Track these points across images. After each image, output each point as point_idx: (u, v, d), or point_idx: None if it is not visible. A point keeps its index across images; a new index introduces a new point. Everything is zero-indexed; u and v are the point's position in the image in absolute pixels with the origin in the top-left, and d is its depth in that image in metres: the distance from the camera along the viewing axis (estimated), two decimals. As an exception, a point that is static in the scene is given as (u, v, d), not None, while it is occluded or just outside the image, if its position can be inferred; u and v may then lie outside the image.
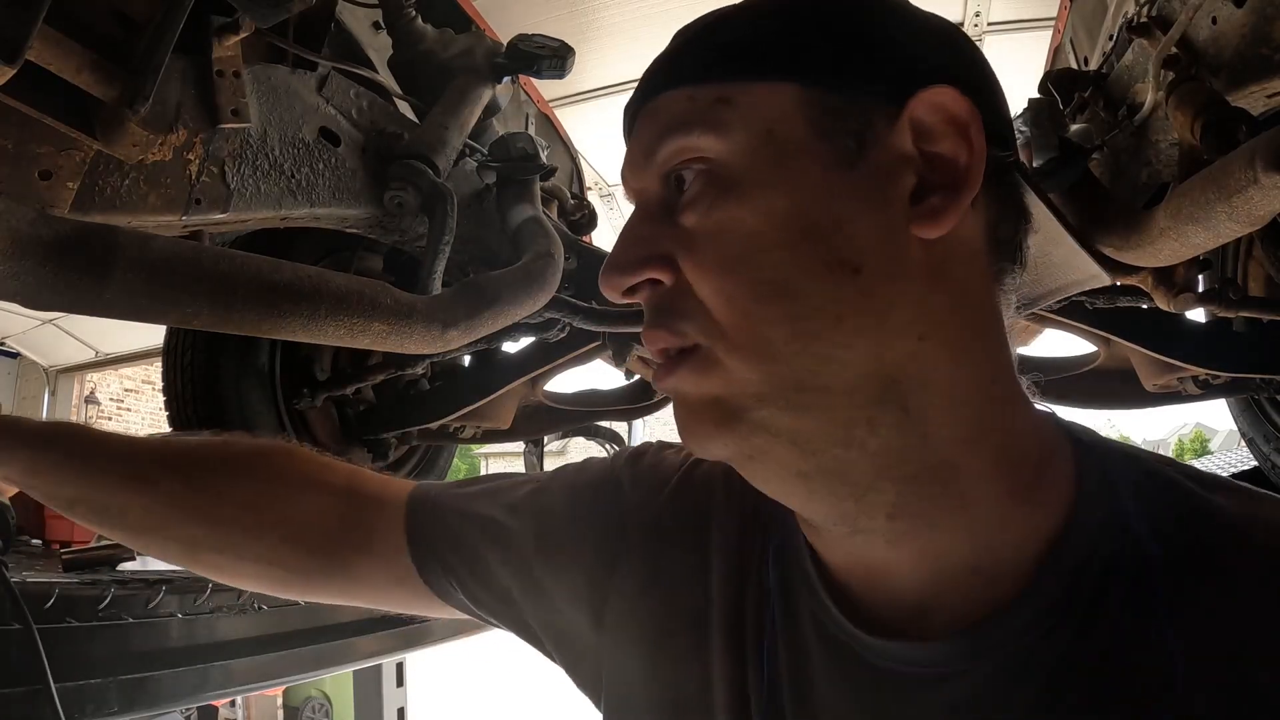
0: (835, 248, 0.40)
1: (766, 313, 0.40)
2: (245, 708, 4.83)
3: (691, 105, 0.43)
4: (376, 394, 2.08)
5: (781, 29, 0.43)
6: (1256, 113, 1.08)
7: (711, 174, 0.42)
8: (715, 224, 0.41)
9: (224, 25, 1.00)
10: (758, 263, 0.40)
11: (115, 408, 11.13)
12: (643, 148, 0.45)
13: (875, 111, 0.41)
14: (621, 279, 0.44)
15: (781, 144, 0.41)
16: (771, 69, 0.42)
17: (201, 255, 0.91)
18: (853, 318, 0.40)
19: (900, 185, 0.41)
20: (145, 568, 1.17)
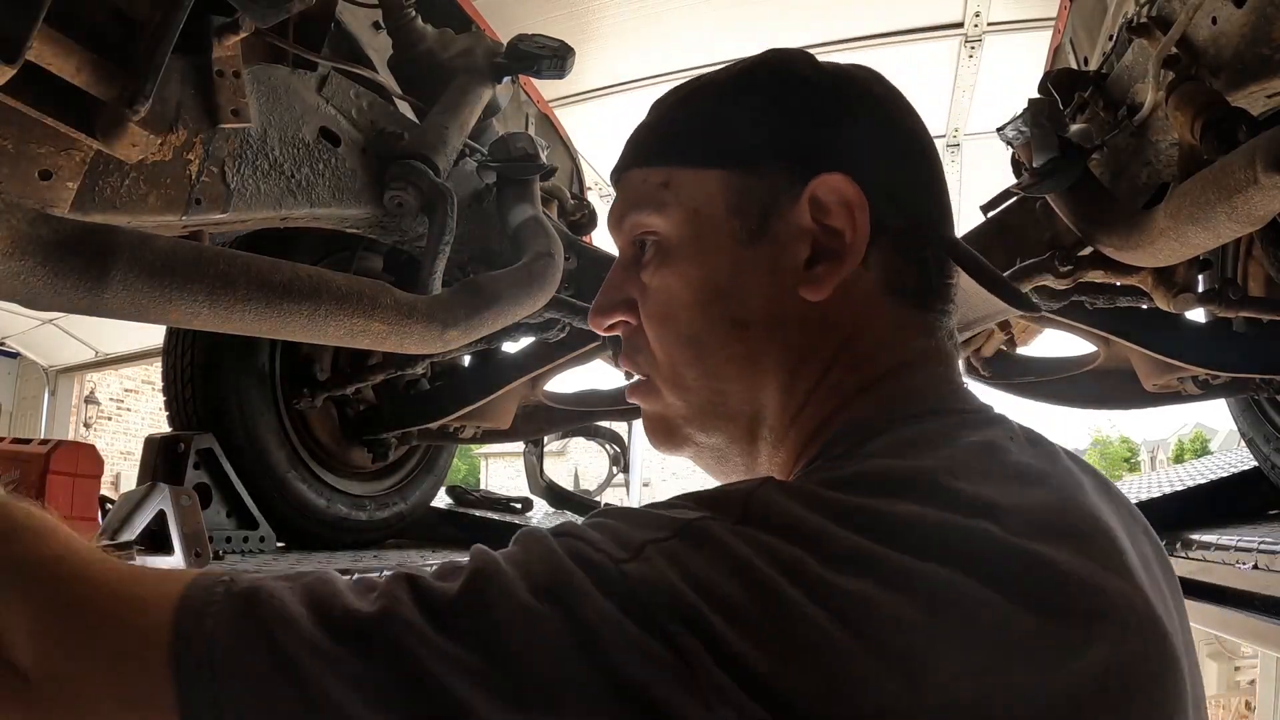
0: (732, 308, 0.52)
1: (683, 356, 0.53)
2: (245, 708, 4.83)
3: (644, 187, 0.55)
4: (376, 394, 2.08)
5: (708, 125, 0.54)
6: (1256, 113, 1.08)
7: (658, 244, 0.54)
8: (657, 284, 0.54)
9: (224, 25, 1.00)
10: (678, 318, 0.53)
11: (115, 408, 11.14)
12: (616, 216, 0.58)
13: (781, 191, 0.51)
14: (601, 319, 0.58)
15: (704, 221, 0.53)
16: (699, 159, 0.53)
17: (201, 255, 0.91)
18: (739, 361, 0.52)
19: (795, 254, 0.51)
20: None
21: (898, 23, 2.49)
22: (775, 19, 2.45)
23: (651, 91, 2.76)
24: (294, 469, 1.84)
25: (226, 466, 1.63)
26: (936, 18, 2.47)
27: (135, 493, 1.31)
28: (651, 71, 2.69)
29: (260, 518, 1.66)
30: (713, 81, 0.56)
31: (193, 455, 1.58)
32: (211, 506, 1.58)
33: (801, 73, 0.54)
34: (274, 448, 1.80)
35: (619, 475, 3.28)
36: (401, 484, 2.21)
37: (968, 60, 2.57)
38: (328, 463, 1.98)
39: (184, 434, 1.63)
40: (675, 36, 2.50)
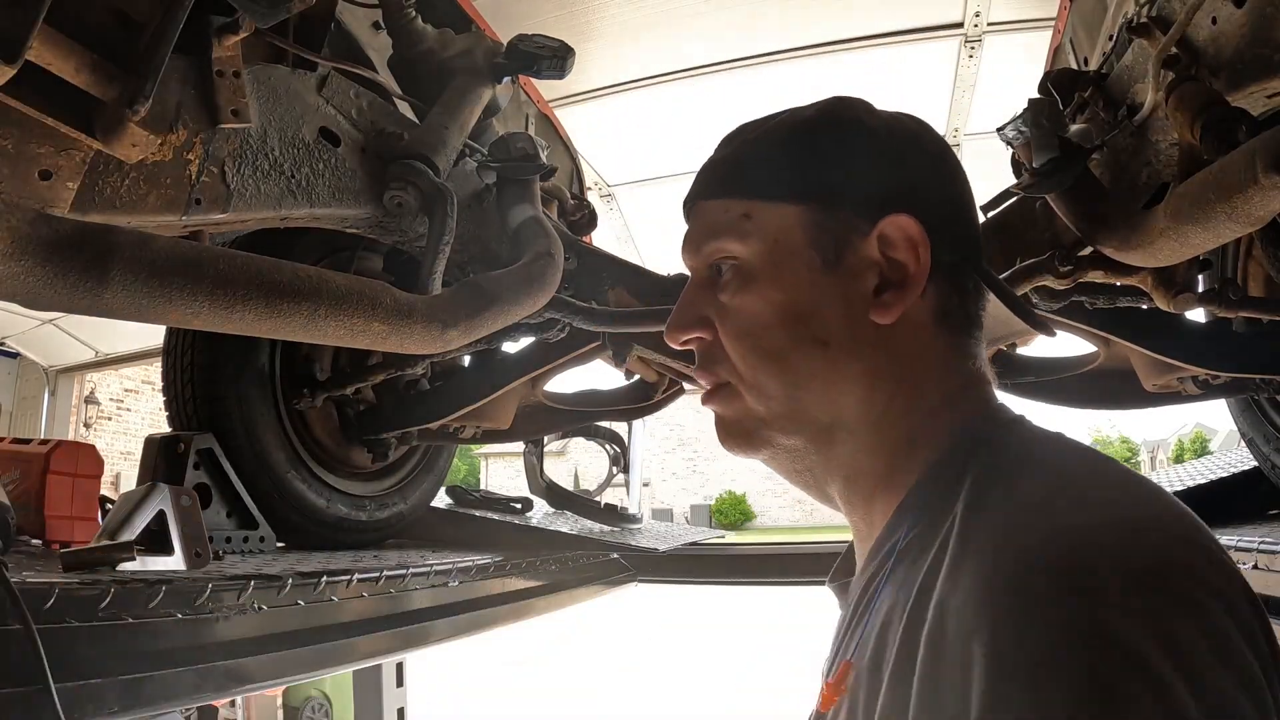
0: (812, 328, 0.58)
1: (766, 369, 0.59)
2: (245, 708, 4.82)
3: (725, 216, 0.61)
4: (376, 394, 2.08)
5: (787, 164, 0.60)
6: (1256, 113, 1.08)
7: (738, 268, 0.61)
8: (737, 304, 0.60)
9: (224, 25, 1.00)
10: (762, 336, 0.59)
11: (115, 408, 11.14)
12: (694, 241, 0.64)
13: (853, 227, 0.58)
14: (679, 334, 0.64)
15: (783, 251, 0.59)
16: (780, 194, 0.60)
17: (201, 255, 0.91)
18: (819, 376, 0.58)
19: (865, 283, 0.58)
20: (145, 568, 1.17)
21: (898, 23, 2.49)
22: (776, 19, 2.45)
23: (651, 92, 2.77)
24: (294, 469, 1.84)
25: (226, 466, 1.63)
26: (936, 18, 2.47)
27: (135, 493, 1.32)
28: (651, 71, 2.69)
29: (260, 518, 1.67)
30: (786, 123, 0.63)
31: (193, 455, 1.58)
32: (211, 506, 1.58)
33: (867, 121, 0.62)
34: (274, 448, 1.80)
35: (619, 475, 3.28)
36: (401, 484, 2.21)
37: (968, 60, 2.56)
38: (328, 463, 1.98)
39: (184, 434, 1.63)
40: (675, 37, 2.50)
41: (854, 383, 0.58)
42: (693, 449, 25.68)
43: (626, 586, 2.49)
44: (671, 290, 1.76)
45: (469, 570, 1.69)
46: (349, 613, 1.32)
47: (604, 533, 2.71)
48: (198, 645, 1.03)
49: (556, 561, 2.12)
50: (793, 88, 2.72)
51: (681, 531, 3.26)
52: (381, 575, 1.38)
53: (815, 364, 0.58)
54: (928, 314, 0.59)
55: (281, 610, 1.16)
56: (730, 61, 2.64)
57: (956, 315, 0.60)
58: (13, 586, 0.82)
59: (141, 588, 0.97)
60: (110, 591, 0.93)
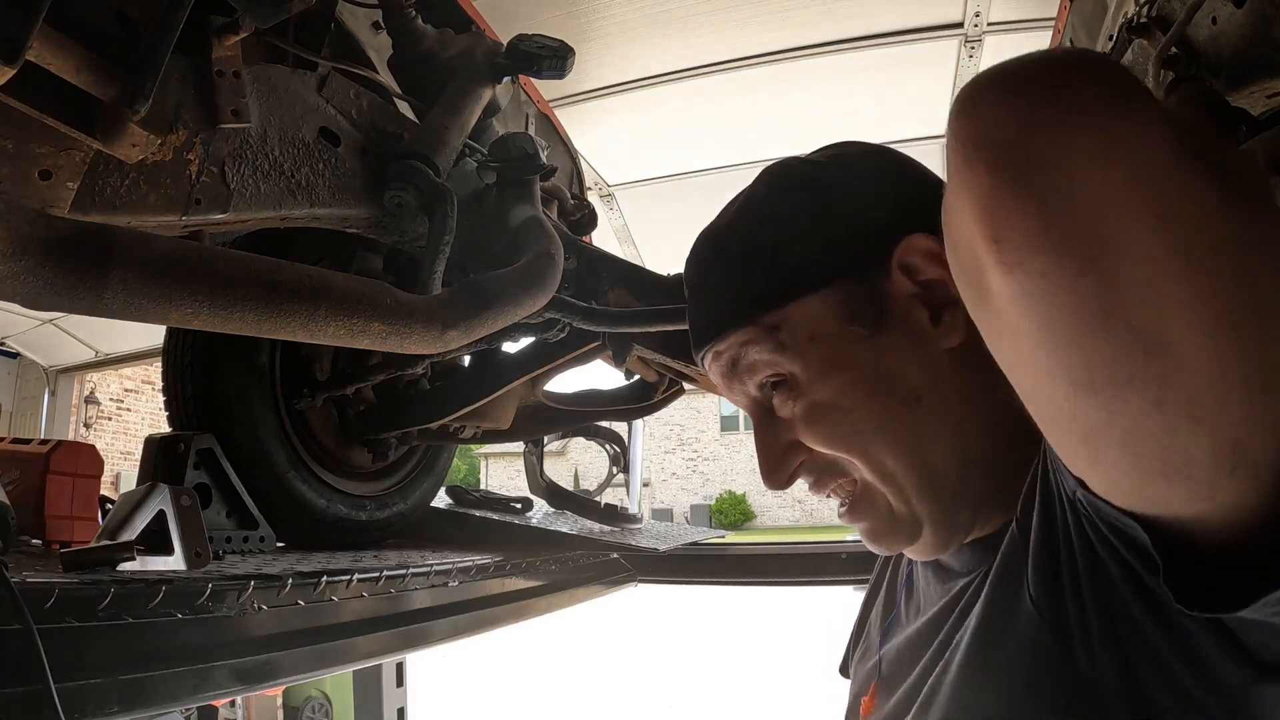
0: (897, 393, 0.56)
1: (876, 444, 0.56)
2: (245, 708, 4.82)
3: (754, 339, 0.59)
4: (376, 394, 2.08)
5: (785, 262, 0.58)
6: (1256, 113, 1.08)
7: (789, 380, 0.59)
8: (811, 406, 0.57)
9: (224, 25, 1.00)
10: (850, 421, 0.56)
11: (115, 408, 11.14)
12: (733, 379, 0.61)
13: (875, 276, 0.56)
14: (780, 474, 0.61)
15: (825, 340, 0.57)
16: (795, 293, 0.58)
17: (201, 255, 0.91)
18: (930, 428, 0.56)
19: (919, 318, 0.56)
20: (145, 568, 1.17)
21: (898, 23, 2.49)
22: (776, 19, 2.45)
23: (651, 92, 2.77)
24: (294, 469, 1.84)
25: (226, 466, 1.63)
26: (936, 18, 2.47)
27: (135, 493, 1.31)
28: (651, 71, 2.69)
29: (260, 518, 1.66)
30: (752, 222, 0.61)
31: (193, 455, 1.58)
32: (211, 506, 1.58)
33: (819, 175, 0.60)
34: (274, 448, 1.80)
35: (619, 475, 3.28)
36: (401, 484, 2.21)
37: (968, 60, 2.56)
38: (328, 463, 1.98)
39: (184, 434, 1.63)
40: (675, 37, 2.50)
41: (958, 419, 0.56)
42: (693, 449, 25.68)
43: (626, 586, 2.49)
44: (671, 290, 1.76)
45: (469, 570, 1.69)
46: (349, 613, 1.32)
47: (604, 533, 2.71)
48: (198, 645, 1.03)
49: (556, 561, 2.12)
50: (793, 88, 2.72)
51: (681, 531, 3.26)
52: (381, 575, 1.38)
53: (920, 419, 0.56)
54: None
55: (281, 610, 1.16)
56: (730, 61, 2.64)
57: None
58: (13, 586, 0.82)
59: (141, 588, 0.97)
60: (110, 591, 0.92)
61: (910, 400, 0.56)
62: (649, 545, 2.55)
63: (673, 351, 1.87)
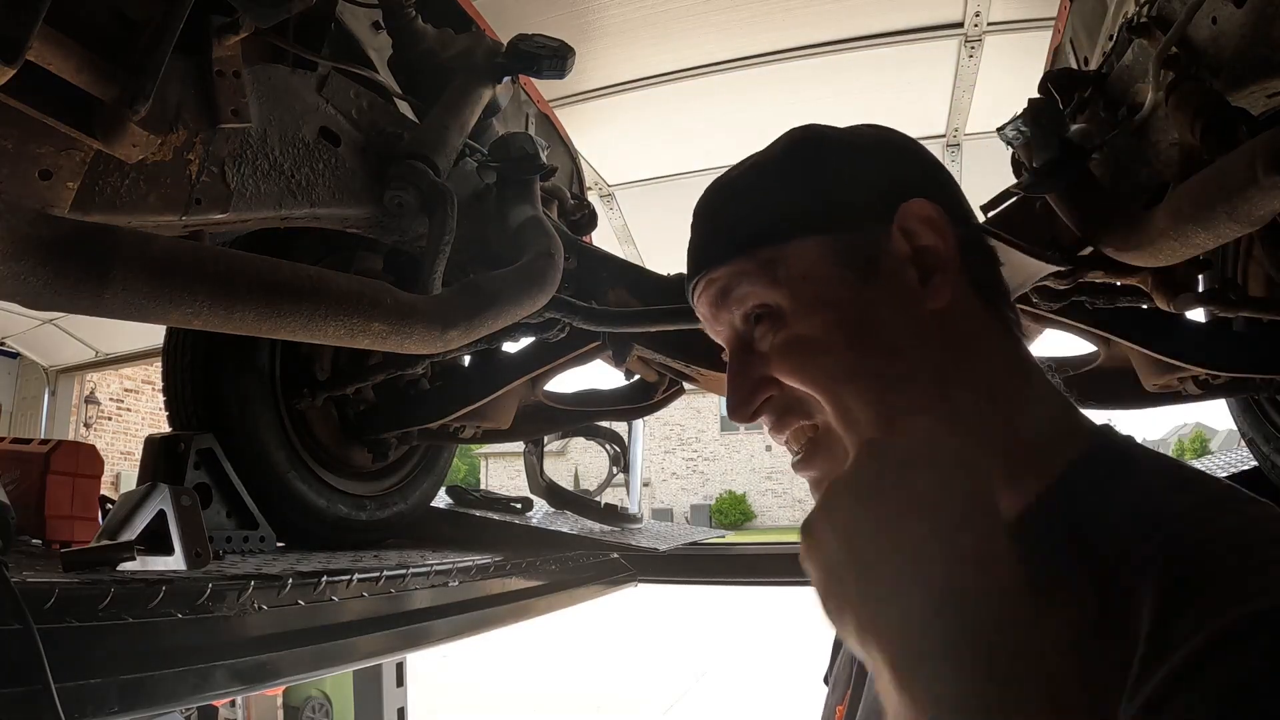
0: (880, 338, 0.57)
1: (848, 389, 0.56)
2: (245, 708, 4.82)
3: (747, 271, 0.60)
4: (377, 394, 2.08)
5: (788, 201, 0.61)
6: (1256, 113, 1.08)
7: (775, 313, 0.59)
8: (790, 340, 0.58)
9: (224, 25, 1.00)
10: (828, 360, 0.57)
11: (115, 408, 11.14)
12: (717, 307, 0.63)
13: (875, 233, 0.58)
14: (746, 407, 0.61)
15: (817, 280, 0.58)
16: (793, 232, 0.59)
17: (201, 255, 0.91)
18: (903, 382, 0.56)
19: (910, 278, 0.58)
20: (145, 568, 1.17)
21: (897, 23, 2.49)
22: (776, 19, 2.45)
23: (652, 92, 2.77)
24: (294, 469, 1.84)
25: (226, 466, 1.63)
26: (936, 18, 2.47)
27: (135, 493, 1.32)
28: (651, 71, 2.69)
29: (260, 518, 1.67)
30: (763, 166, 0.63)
31: (193, 455, 1.58)
32: (211, 506, 1.58)
33: (834, 134, 0.63)
34: (274, 448, 1.80)
35: (619, 475, 3.28)
36: (401, 484, 2.21)
37: (968, 60, 2.56)
38: (328, 463, 1.98)
39: (184, 434, 1.63)
40: (675, 37, 2.49)
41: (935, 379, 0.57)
42: (693, 449, 25.68)
43: (626, 586, 2.49)
44: (671, 290, 1.76)
45: (469, 570, 1.69)
46: (349, 613, 1.32)
47: (604, 533, 2.71)
48: (198, 645, 1.03)
49: (556, 561, 2.12)
50: (793, 88, 2.72)
51: (681, 531, 3.26)
52: (381, 575, 1.38)
53: (895, 369, 0.56)
54: (966, 287, 0.59)
55: (281, 610, 1.16)
56: (730, 61, 2.64)
57: (990, 283, 0.61)
58: (13, 586, 0.82)
59: (141, 588, 0.97)
60: (110, 591, 0.93)
61: (888, 351, 0.57)
62: (649, 545, 2.55)
63: (673, 351, 1.87)
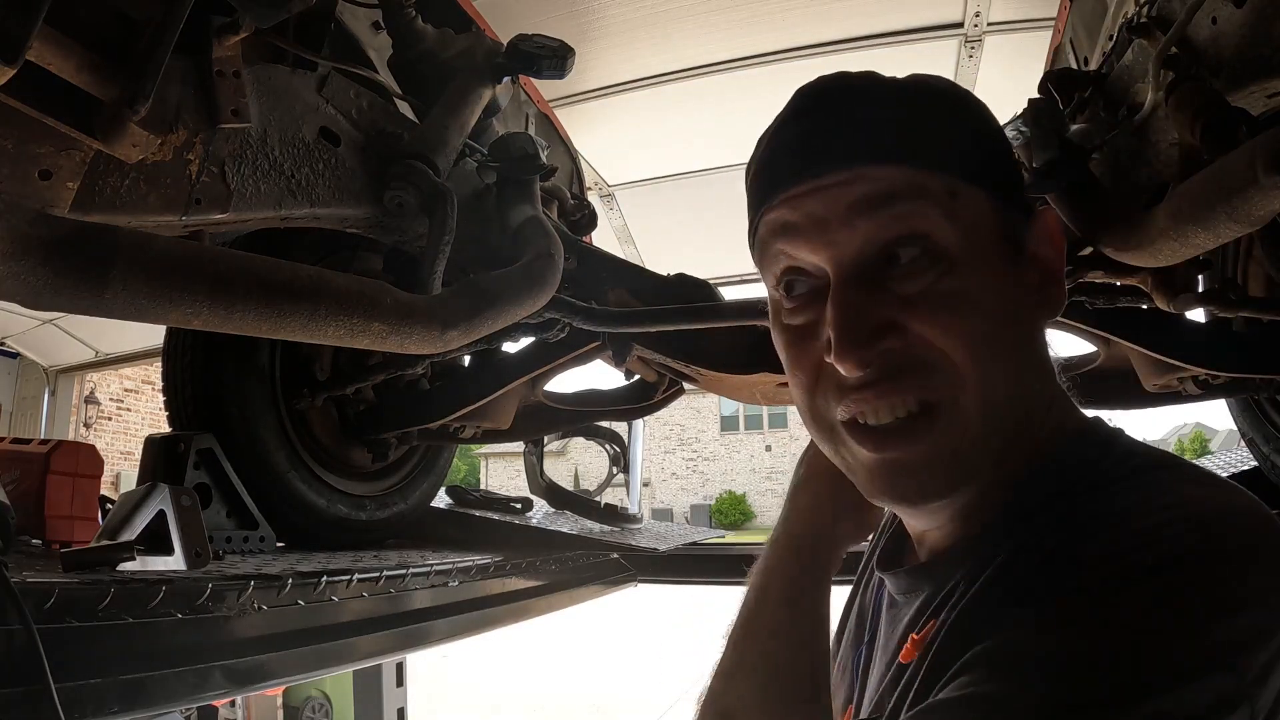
0: (1020, 322, 0.53)
1: (1003, 370, 0.51)
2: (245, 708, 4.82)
3: (928, 186, 0.50)
4: (376, 394, 2.08)
5: (983, 145, 0.55)
6: (1256, 113, 1.08)
7: (936, 253, 0.50)
8: (947, 291, 0.50)
9: (224, 25, 1.00)
10: (991, 331, 0.50)
11: (115, 408, 11.13)
12: (863, 213, 0.50)
13: (1022, 222, 0.55)
14: (864, 352, 0.50)
15: (984, 238, 0.52)
16: (980, 178, 0.53)
17: (201, 255, 0.91)
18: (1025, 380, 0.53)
19: (1032, 279, 0.54)
20: (145, 568, 1.17)
21: (897, 23, 2.49)
22: (776, 19, 2.45)
23: (652, 92, 2.77)
24: (294, 469, 1.84)
25: (226, 466, 1.63)
26: (936, 18, 2.47)
27: (135, 493, 1.32)
28: (651, 71, 2.69)
29: (260, 518, 1.66)
30: (943, 90, 0.56)
31: (193, 455, 1.58)
32: (211, 506, 1.58)
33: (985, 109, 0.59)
34: (274, 448, 1.80)
35: (619, 475, 3.28)
36: (401, 484, 2.21)
37: (968, 60, 2.56)
38: (328, 463, 1.98)
39: (184, 434, 1.63)
40: (675, 37, 2.50)
41: (1034, 380, 0.55)
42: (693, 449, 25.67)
43: (626, 586, 2.49)
44: (671, 290, 1.76)
45: (469, 570, 1.69)
46: (349, 613, 1.32)
47: (604, 533, 2.71)
48: (198, 645, 1.03)
49: (556, 561, 2.12)
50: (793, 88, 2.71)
51: (681, 531, 3.26)
52: (381, 575, 1.38)
53: (1018, 360, 0.53)
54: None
55: (281, 610, 1.17)
56: (730, 61, 2.64)
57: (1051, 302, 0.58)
58: (13, 586, 0.82)
59: (141, 588, 0.98)
60: (110, 591, 0.93)
61: (1027, 339, 0.54)
62: (649, 545, 2.55)
63: (673, 351, 1.87)
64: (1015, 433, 0.53)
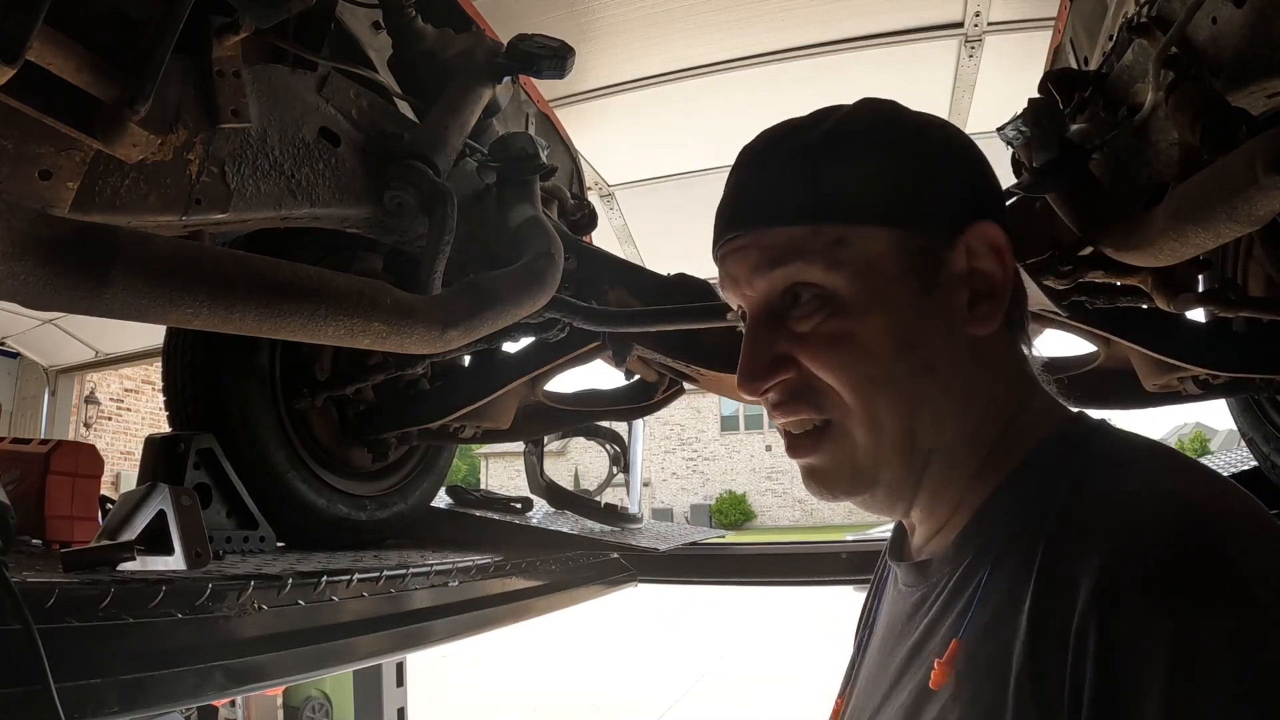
0: (922, 354, 0.56)
1: (881, 398, 0.56)
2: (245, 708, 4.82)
3: (810, 242, 0.56)
4: (376, 394, 2.08)
5: (874, 183, 0.57)
6: (1256, 113, 1.08)
7: (825, 298, 0.57)
8: (832, 333, 0.56)
9: (224, 25, 1.00)
10: (870, 365, 0.56)
11: (115, 408, 11.14)
12: (756, 269, 0.58)
13: (942, 244, 0.57)
14: (760, 382, 0.59)
15: (880, 276, 0.56)
16: (871, 217, 0.57)
17: (201, 255, 0.91)
18: (931, 402, 0.57)
19: (960, 299, 0.57)
20: (145, 568, 1.17)
21: (897, 23, 2.49)
22: (776, 19, 2.45)
23: (651, 92, 2.77)
24: (294, 469, 1.84)
25: (226, 466, 1.63)
26: (936, 18, 2.47)
27: (135, 493, 1.32)
28: (651, 71, 2.69)
29: (260, 518, 1.67)
30: (846, 130, 0.59)
31: (193, 455, 1.58)
32: (211, 506, 1.58)
33: (921, 128, 0.60)
34: (274, 448, 1.80)
35: (619, 475, 3.28)
36: (401, 484, 2.21)
37: (968, 60, 2.56)
38: (328, 463, 1.98)
39: (184, 434, 1.63)
40: (675, 37, 2.50)
41: (956, 403, 0.57)
42: (693, 449, 25.68)
43: (626, 586, 2.49)
44: (671, 290, 1.76)
45: (469, 570, 1.69)
46: (349, 613, 1.32)
47: (604, 533, 2.71)
48: (198, 645, 1.03)
49: (556, 561, 2.12)
50: (793, 88, 2.72)
51: (681, 531, 3.26)
52: (381, 575, 1.38)
53: (928, 390, 0.57)
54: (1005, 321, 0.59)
55: (281, 610, 1.16)
56: (730, 61, 2.64)
57: (1018, 317, 0.60)
58: (13, 586, 0.82)
59: (141, 588, 0.97)
60: (110, 591, 0.93)
61: (926, 368, 0.56)
62: (649, 545, 2.55)
63: (673, 351, 1.87)
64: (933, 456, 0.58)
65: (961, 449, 0.58)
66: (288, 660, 1.17)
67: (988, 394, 0.58)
